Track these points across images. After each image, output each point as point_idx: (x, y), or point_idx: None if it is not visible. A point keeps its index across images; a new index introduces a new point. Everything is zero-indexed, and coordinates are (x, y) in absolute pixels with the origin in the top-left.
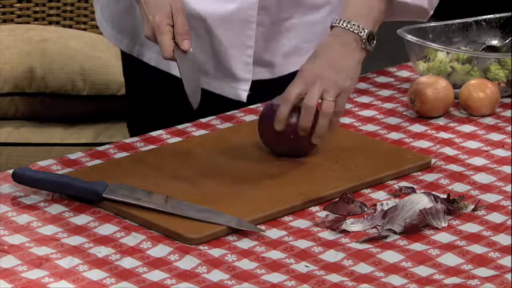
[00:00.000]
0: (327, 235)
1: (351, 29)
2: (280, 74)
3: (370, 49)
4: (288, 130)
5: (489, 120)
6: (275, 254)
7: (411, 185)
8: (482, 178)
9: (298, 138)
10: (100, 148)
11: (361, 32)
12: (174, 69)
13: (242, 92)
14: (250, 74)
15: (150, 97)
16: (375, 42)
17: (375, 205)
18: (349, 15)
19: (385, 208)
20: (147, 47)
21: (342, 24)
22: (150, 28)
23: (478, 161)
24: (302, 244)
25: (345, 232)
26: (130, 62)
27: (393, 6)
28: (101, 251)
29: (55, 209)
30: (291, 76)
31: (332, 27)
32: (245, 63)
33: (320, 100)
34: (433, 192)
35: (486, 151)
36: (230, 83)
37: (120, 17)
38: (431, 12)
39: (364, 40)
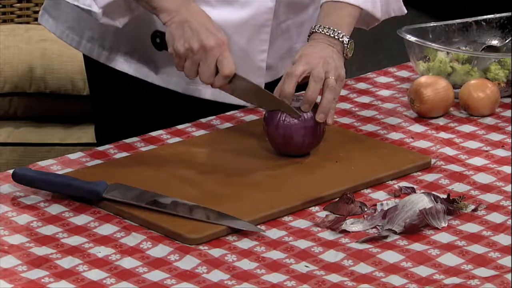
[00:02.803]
0: (327, 235)
1: (332, 35)
2: (277, 77)
3: (348, 57)
4: (294, 129)
5: (489, 120)
6: (275, 254)
7: (411, 185)
8: (482, 178)
9: (305, 137)
10: (100, 148)
11: (341, 38)
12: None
13: None
14: (263, 78)
15: (116, 101)
16: (353, 51)
17: (375, 205)
18: (329, 22)
19: (385, 208)
20: (118, 53)
21: (323, 31)
22: (197, 47)
23: (478, 161)
24: (302, 244)
25: (345, 232)
26: (96, 68)
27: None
28: (101, 251)
29: (55, 209)
30: None
31: (312, 32)
32: (259, 67)
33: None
34: (433, 192)
35: (486, 151)
36: None
37: (83, 23)
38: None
39: (346, 46)
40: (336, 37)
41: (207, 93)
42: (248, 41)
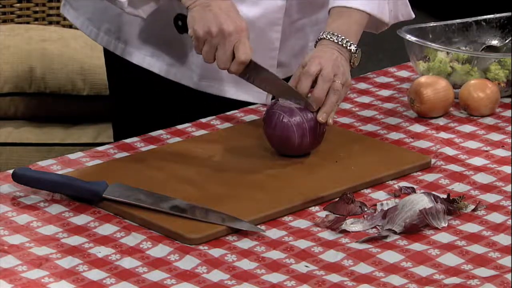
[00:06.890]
0: (327, 235)
1: (340, 43)
2: (289, 74)
3: (355, 65)
4: (291, 130)
5: (489, 120)
6: (275, 254)
7: (411, 185)
8: (482, 178)
9: (304, 137)
10: (100, 148)
11: (349, 47)
12: (164, 71)
13: (268, 95)
14: None
15: (136, 98)
16: (359, 60)
17: (375, 205)
18: (337, 29)
19: (385, 208)
20: (133, 46)
21: (331, 38)
22: (216, 31)
23: (478, 161)
24: (302, 244)
25: (345, 232)
26: (114, 62)
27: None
28: (101, 251)
29: (55, 209)
30: None
31: (321, 38)
32: (270, 65)
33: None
34: (433, 192)
35: (486, 151)
36: (254, 88)
37: (100, 15)
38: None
39: (353, 54)
40: (344, 45)
41: (221, 89)
42: (258, 38)
